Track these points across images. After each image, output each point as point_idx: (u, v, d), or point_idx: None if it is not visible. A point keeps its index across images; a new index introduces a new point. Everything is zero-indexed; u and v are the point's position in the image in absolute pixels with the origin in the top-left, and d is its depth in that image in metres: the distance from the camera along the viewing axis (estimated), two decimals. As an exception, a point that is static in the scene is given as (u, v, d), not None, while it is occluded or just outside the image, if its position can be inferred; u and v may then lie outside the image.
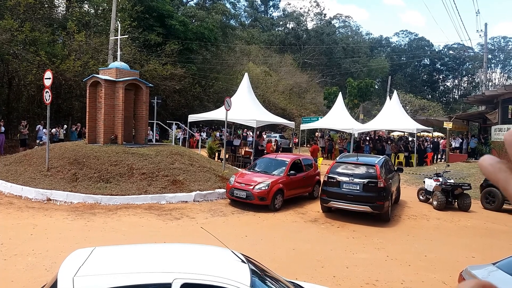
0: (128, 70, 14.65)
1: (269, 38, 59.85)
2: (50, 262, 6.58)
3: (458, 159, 23.70)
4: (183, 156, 13.98)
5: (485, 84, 34.26)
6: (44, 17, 24.55)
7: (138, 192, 11.33)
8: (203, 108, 32.00)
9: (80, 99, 24.10)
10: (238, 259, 3.79)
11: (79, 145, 13.73)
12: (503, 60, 79.26)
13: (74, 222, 9.09)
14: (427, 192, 13.34)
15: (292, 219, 10.70)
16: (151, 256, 3.81)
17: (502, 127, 21.80)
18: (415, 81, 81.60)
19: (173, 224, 9.43)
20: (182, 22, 33.86)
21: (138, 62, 26.48)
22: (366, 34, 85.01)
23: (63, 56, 23.00)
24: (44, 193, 10.90)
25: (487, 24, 32.05)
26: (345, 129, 27.09)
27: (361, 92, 38.29)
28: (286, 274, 5.72)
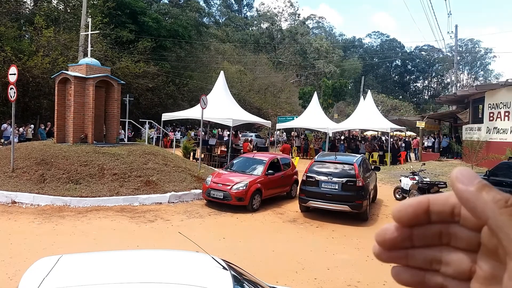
0: (99, 67, 14.11)
1: (244, 37, 59.59)
2: (14, 270, 6.14)
3: (431, 158, 24.14)
4: (157, 156, 13.56)
5: (455, 84, 35.04)
6: (10, 11, 23.53)
7: (109, 193, 10.86)
8: (177, 107, 31.42)
9: (48, 97, 23.18)
10: (219, 266, 3.52)
11: (47, 144, 13.12)
12: (470, 62, 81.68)
13: (41, 226, 8.60)
14: (403, 191, 13.38)
15: (271, 219, 10.50)
16: (125, 264, 3.50)
17: (473, 126, 22.31)
18: (386, 82, 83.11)
19: (147, 227, 9.06)
20: (155, 19, 33.24)
21: (109, 59, 25.75)
22: (339, 35, 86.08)
23: (31, 52, 22.10)
24: (9, 195, 10.29)
25: (457, 26, 32.83)
26: (320, 129, 27.15)
27: (336, 92, 38.59)
28: (267, 278, 5.50)
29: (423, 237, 0.47)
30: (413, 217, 0.46)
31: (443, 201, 0.46)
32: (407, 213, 0.46)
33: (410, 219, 0.47)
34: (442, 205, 0.46)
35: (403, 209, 0.46)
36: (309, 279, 6.55)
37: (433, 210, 0.46)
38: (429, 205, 0.46)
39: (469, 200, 0.42)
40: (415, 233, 0.47)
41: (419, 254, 0.48)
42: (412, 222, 0.47)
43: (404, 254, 0.48)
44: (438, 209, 0.46)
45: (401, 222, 0.47)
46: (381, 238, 0.48)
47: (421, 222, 0.47)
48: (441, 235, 0.47)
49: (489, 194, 0.41)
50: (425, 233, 0.47)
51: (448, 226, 0.46)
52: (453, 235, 0.46)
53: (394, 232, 0.48)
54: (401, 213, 0.46)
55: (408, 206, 0.46)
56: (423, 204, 0.46)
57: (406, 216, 0.46)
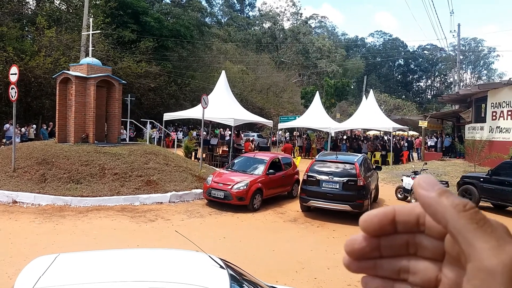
0: (100, 67, 14.12)
1: (246, 37, 59.54)
2: (14, 269, 6.12)
3: (433, 157, 24.04)
4: (158, 156, 13.56)
5: (458, 83, 34.93)
6: (12, 11, 23.58)
7: (110, 193, 10.87)
8: (179, 107, 31.42)
9: (50, 98, 23.18)
10: (217, 265, 3.51)
11: (48, 144, 13.13)
12: (474, 61, 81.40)
13: (41, 226, 8.61)
14: (405, 190, 13.33)
15: (271, 219, 10.48)
16: (122, 263, 3.49)
17: (476, 126, 22.22)
18: (389, 81, 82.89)
19: (147, 226, 9.05)
20: (157, 19, 33.25)
21: (111, 59, 25.77)
22: (342, 35, 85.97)
23: (33, 52, 22.12)
24: (10, 195, 10.31)
25: (460, 25, 32.69)
26: (322, 128, 27.09)
27: (338, 91, 38.49)
28: (266, 277, 5.48)
29: (391, 247, 0.48)
30: (379, 227, 0.47)
31: (408, 211, 0.46)
32: (372, 223, 0.47)
33: (376, 229, 0.47)
34: (407, 215, 0.46)
35: (368, 219, 0.47)
36: (309, 278, 6.52)
37: (399, 220, 0.47)
38: (395, 215, 0.46)
39: (430, 205, 0.43)
40: (382, 243, 0.48)
41: (387, 264, 0.48)
42: (378, 232, 0.47)
43: (372, 264, 0.49)
44: (403, 219, 0.46)
45: (367, 232, 0.47)
46: (350, 248, 0.49)
47: (387, 232, 0.47)
48: (408, 245, 0.47)
49: (449, 199, 0.42)
50: (392, 243, 0.48)
51: (414, 236, 0.47)
52: (419, 245, 0.47)
53: (362, 242, 0.48)
54: (366, 223, 0.47)
55: (374, 216, 0.47)
56: (388, 214, 0.47)
57: (372, 226, 0.47)
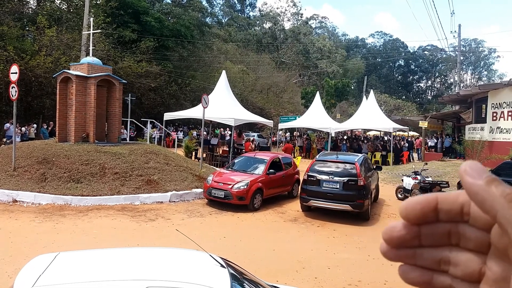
0: (101, 66, 14.11)
1: (246, 37, 59.52)
2: (14, 268, 6.11)
3: (434, 158, 24.02)
4: (158, 155, 13.55)
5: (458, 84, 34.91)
6: (13, 11, 23.58)
7: (110, 192, 10.86)
8: (179, 106, 31.40)
9: (51, 97, 23.18)
10: (217, 264, 3.50)
11: (49, 143, 13.12)
12: (474, 62, 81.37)
13: (41, 225, 8.60)
14: (405, 191, 13.32)
15: (272, 218, 10.47)
16: (122, 262, 3.48)
17: (476, 126, 22.21)
18: (389, 82, 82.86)
19: (148, 225, 9.04)
20: (158, 19, 33.25)
21: (112, 59, 25.76)
22: (342, 35, 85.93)
23: (33, 52, 22.12)
24: (10, 194, 10.30)
25: (460, 26, 32.67)
26: (322, 128, 27.07)
27: (338, 91, 38.48)
28: (267, 276, 5.48)
29: (431, 236, 0.46)
30: (421, 215, 0.45)
31: (452, 199, 0.44)
32: (414, 211, 0.45)
33: (418, 217, 0.45)
34: (451, 203, 0.44)
35: (410, 206, 0.45)
36: (309, 278, 6.51)
37: (442, 208, 0.45)
38: (438, 203, 0.45)
39: (478, 194, 0.41)
40: (423, 231, 0.46)
41: (427, 253, 0.47)
42: (420, 220, 0.46)
43: (411, 253, 0.47)
44: (446, 207, 0.45)
45: (408, 219, 0.46)
46: (388, 235, 0.47)
47: (429, 220, 0.46)
48: (450, 234, 0.46)
49: (498, 188, 0.40)
50: (433, 232, 0.46)
51: (457, 225, 0.45)
52: (462, 235, 0.45)
53: (402, 230, 0.46)
54: (408, 210, 0.45)
55: (416, 204, 0.45)
56: (431, 202, 0.45)
57: (414, 213, 0.45)
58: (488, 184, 0.40)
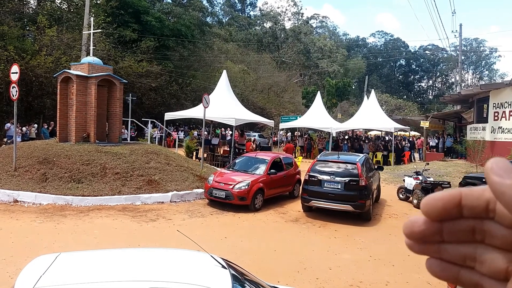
0: (101, 66, 14.10)
1: (247, 37, 59.50)
2: (15, 269, 6.10)
3: (435, 158, 23.98)
4: (159, 155, 13.53)
5: (460, 84, 34.85)
6: (13, 10, 23.58)
7: (111, 192, 10.84)
8: (180, 106, 31.40)
9: (52, 97, 23.19)
10: (218, 264, 3.48)
11: (49, 143, 13.11)
12: (475, 62, 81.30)
13: (42, 225, 8.58)
14: (407, 191, 13.29)
15: (273, 219, 10.44)
16: (122, 262, 3.46)
17: (478, 126, 22.15)
18: (390, 82, 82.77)
19: (149, 226, 9.02)
20: (158, 19, 33.23)
21: (112, 59, 25.75)
22: (343, 35, 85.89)
23: (34, 52, 22.12)
24: (11, 194, 10.29)
25: (461, 25, 32.62)
26: (323, 128, 27.04)
27: (339, 91, 38.42)
28: (268, 277, 5.45)
29: (455, 233, 0.45)
30: (443, 211, 0.44)
31: (477, 195, 0.42)
32: (436, 207, 0.44)
33: (440, 213, 0.44)
34: (476, 199, 0.42)
35: (432, 202, 0.44)
36: (311, 279, 6.49)
37: (466, 205, 0.43)
38: (461, 199, 0.43)
39: (505, 194, 0.39)
40: (445, 227, 0.45)
41: (452, 249, 0.45)
42: (442, 216, 0.44)
43: (436, 247, 0.46)
44: (471, 204, 0.43)
45: (429, 216, 0.44)
46: (409, 230, 0.46)
47: (452, 217, 0.44)
48: (474, 231, 0.44)
49: None
50: (456, 228, 0.44)
51: (482, 222, 0.43)
52: (488, 232, 0.43)
53: (422, 225, 0.45)
54: (429, 206, 0.44)
55: (438, 200, 0.43)
56: (454, 198, 0.43)
57: (435, 209, 0.44)
58: None
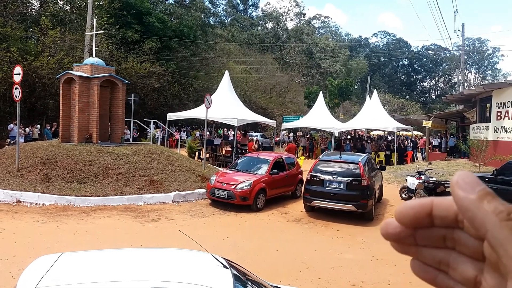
0: (104, 67, 14.14)
1: (249, 37, 59.52)
2: (17, 269, 6.12)
3: (438, 158, 23.94)
4: (161, 156, 13.55)
5: (462, 83, 34.76)
6: (16, 12, 23.66)
7: (113, 193, 10.86)
8: (182, 107, 31.43)
9: (55, 98, 23.24)
10: (220, 264, 3.48)
11: (52, 144, 13.15)
12: (478, 61, 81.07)
13: (45, 225, 8.61)
14: (409, 191, 13.25)
15: (275, 219, 10.44)
16: (124, 262, 3.47)
17: (480, 126, 22.10)
18: (393, 81, 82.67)
19: (151, 226, 9.03)
20: (161, 20, 33.27)
21: (115, 60, 25.78)
22: (346, 35, 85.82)
23: (37, 53, 22.19)
24: (14, 194, 10.32)
25: (464, 25, 32.54)
26: (326, 128, 27.01)
27: (342, 91, 38.41)
28: (270, 277, 5.44)
29: (426, 238, 0.46)
30: (414, 219, 0.45)
31: (447, 206, 0.43)
32: (408, 215, 0.45)
33: (411, 222, 0.45)
34: (446, 210, 0.43)
35: (404, 210, 0.45)
36: (313, 278, 6.48)
37: (436, 215, 0.44)
38: (432, 209, 0.44)
39: (468, 209, 0.39)
40: (418, 233, 0.46)
41: (427, 253, 0.46)
42: (413, 224, 0.45)
43: (415, 249, 0.47)
44: (441, 214, 0.43)
45: (402, 223, 0.45)
46: (384, 231, 0.47)
47: (423, 225, 0.45)
48: (445, 239, 0.45)
49: (491, 204, 0.38)
50: (428, 235, 0.45)
51: (452, 231, 0.44)
52: (458, 241, 0.43)
53: (396, 228, 0.46)
54: (402, 215, 0.45)
55: (410, 208, 0.44)
56: (425, 207, 0.44)
57: (407, 218, 0.45)
58: (480, 199, 0.38)
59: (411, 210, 0.44)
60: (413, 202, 0.44)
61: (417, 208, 0.44)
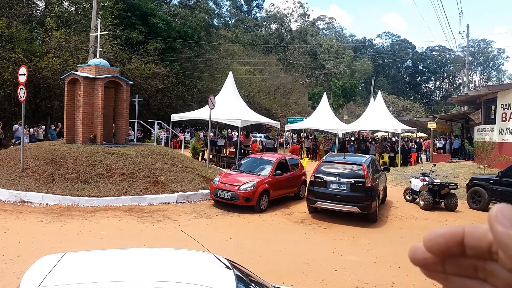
0: (108, 67, 14.19)
1: (253, 39, 59.57)
2: (21, 269, 6.14)
3: (442, 159, 23.83)
4: (165, 156, 13.58)
5: (467, 85, 34.60)
6: (22, 13, 23.80)
7: (117, 193, 10.88)
8: (186, 108, 31.49)
9: (59, 99, 23.34)
10: (223, 265, 3.47)
11: (57, 144, 13.21)
12: (483, 62, 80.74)
13: (49, 225, 8.63)
14: (413, 192, 13.21)
15: (278, 220, 10.43)
16: (127, 262, 3.47)
17: (485, 127, 21.99)
18: (397, 83, 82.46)
19: (154, 226, 9.05)
20: (165, 21, 33.36)
21: (119, 61, 25.88)
22: (350, 36, 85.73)
23: (41, 54, 22.30)
24: (18, 194, 10.37)
25: (469, 26, 32.41)
26: (330, 129, 26.98)
27: (346, 92, 38.36)
28: (273, 278, 5.44)
29: (457, 267, 0.43)
30: (444, 248, 0.42)
31: (480, 236, 0.41)
32: (437, 244, 0.43)
33: (441, 251, 0.43)
34: (478, 240, 0.41)
35: (433, 238, 0.43)
36: (316, 280, 6.46)
37: (468, 245, 0.41)
38: (464, 238, 0.42)
39: (508, 247, 0.37)
40: (448, 262, 0.43)
41: (457, 282, 0.44)
42: (443, 253, 0.43)
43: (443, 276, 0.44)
44: (473, 244, 0.41)
45: (431, 252, 0.43)
46: (412, 256, 0.45)
47: (454, 254, 0.43)
48: (476, 269, 0.42)
49: None
50: (458, 264, 0.43)
51: (484, 262, 0.41)
52: (490, 273, 0.41)
53: (423, 254, 0.44)
54: (431, 243, 0.43)
55: (440, 236, 0.43)
56: (456, 236, 0.42)
57: (437, 246, 0.43)
58: None
59: (441, 238, 0.42)
60: (443, 230, 0.43)
61: (447, 236, 0.42)
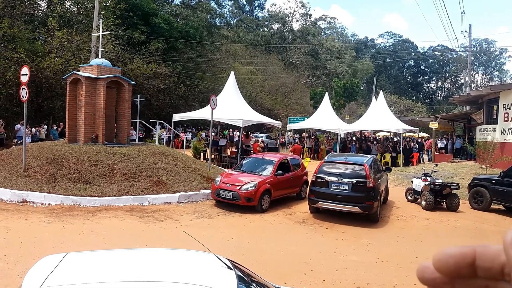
0: (110, 67, 14.21)
1: (255, 38, 59.56)
2: (23, 268, 6.16)
3: (444, 159, 23.79)
4: (167, 156, 13.59)
5: (469, 84, 34.54)
6: (24, 13, 23.84)
7: (119, 193, 10.90)
8: (188, 107, 31.51)
9: (61, 98, 23.37)
10: (224, 265, 3.48)
11: (58, 144, 13.23)
12: (485, 62, 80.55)
13: (51, 225, 8.65)
14: (415, 192, 13.19)
15: (280, 220, 10.43)
16: (129, 262, 3.47)
17: (487, 127, 21.94)
18: (399, 83, 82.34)
19: (156, 226, 9.06)
20: (167, 21, 33.38)
21: (121, 61, 25.89)
22: (351, 36, 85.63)
23: (44, 54, 22.32)
24: (20, 194, 10.40)
25: (471, 25, 32.36)
26: (331, 129, 26.96)
27: (347, 92, 38.35)
28: (274, 279, 5.44)
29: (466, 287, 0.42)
30: (454, 269, 0.41)
31: (492, 257, 0.40)
32: (447, 264, 0.41)
33: (451, 272, 0.41)
34: (490, 261, 0.40)
35: (443, 258, 0.41)
36: (317, 280, 6.46)
37: (480, 266, 0.40)
38: (475, 259, 0.40)
39: None
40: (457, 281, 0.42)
41: None
42: (453, 274, 0.41)
43: None
44: (485, 265, 0.40)
45: (441, 272, 0.42)
46: (420, 275, 0.44)
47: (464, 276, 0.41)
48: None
49: None
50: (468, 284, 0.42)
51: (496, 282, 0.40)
52: None
53: (434, 273, 0.43)
54: (441, 263, 0.41)
55: (450, 257, 0.41)
56: (467, 257, 0.41)
57: (447, 267, 0.41)
58: None
59: (451, 258, 0.41)
60: (453, 250, 0.41)
61: (457, 257, 0.41)
